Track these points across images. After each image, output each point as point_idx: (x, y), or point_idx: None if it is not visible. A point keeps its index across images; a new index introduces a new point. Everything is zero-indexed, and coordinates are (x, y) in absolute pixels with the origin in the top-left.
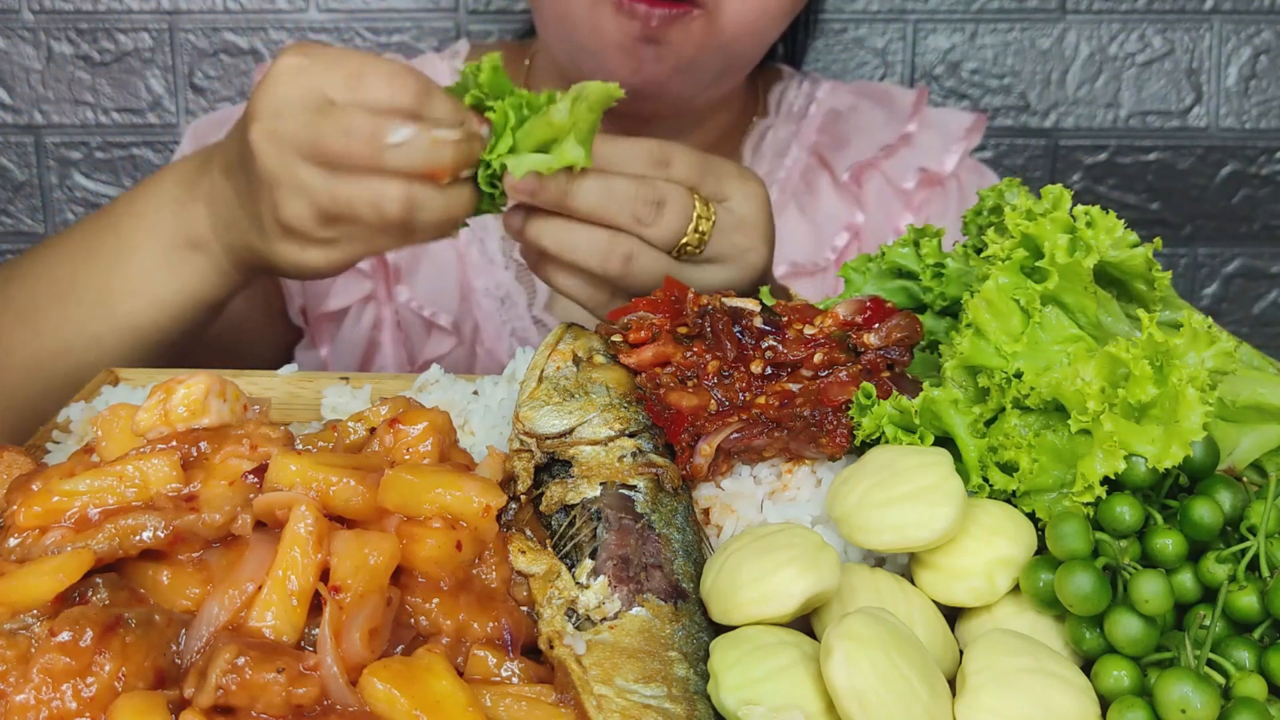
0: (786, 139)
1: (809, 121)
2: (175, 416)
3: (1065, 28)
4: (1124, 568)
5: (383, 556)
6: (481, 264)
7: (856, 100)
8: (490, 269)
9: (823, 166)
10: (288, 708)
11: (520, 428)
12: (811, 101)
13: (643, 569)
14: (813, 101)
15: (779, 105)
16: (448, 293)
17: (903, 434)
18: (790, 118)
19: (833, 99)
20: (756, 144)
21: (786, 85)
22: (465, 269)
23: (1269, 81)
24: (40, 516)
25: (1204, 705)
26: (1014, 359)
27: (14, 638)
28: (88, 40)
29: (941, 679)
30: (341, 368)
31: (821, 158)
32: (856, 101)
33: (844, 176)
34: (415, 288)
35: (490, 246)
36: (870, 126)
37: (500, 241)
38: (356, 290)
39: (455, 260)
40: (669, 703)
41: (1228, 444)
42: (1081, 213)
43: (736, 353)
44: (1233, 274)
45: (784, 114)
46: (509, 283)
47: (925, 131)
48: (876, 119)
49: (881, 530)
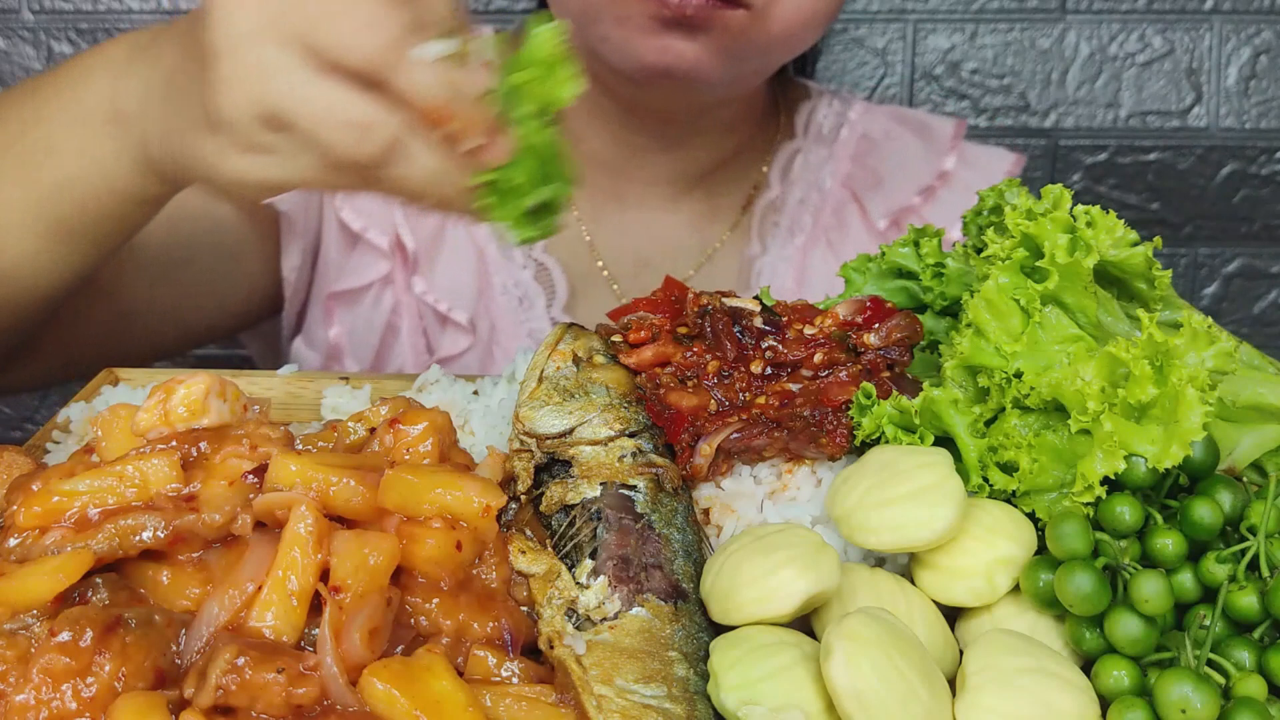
0: (818, 165)
1: (841, 146)
2: (175, 416)
3: (1065, 28)
4: (1124, 568)
5: (383, 556)
6: (500, 261)
7: (891, 126)
8: (509, 267)
9: (854, 201)
10: (288, 708)
11: (520, 428)
12: (843, 124)
13: (643, 569)
14: (844, 124)
15: (808, 126)
16: (465, 288)
17: (903, 434)
18: (821, 141)
19: (866, 122)
20: (785, 167)
21: (815, 104)
22: (485, 264)
23: (1269, 81)
24: (40, 516)
25: (1204, 705)
26: (1014, 359)
27: (14, 638)
28: (87, 40)
29: (941, 679)
30: (356, 351)
31: (854, 193)
32: (891, 128)
33: (881, 223)
34: (432, 280)
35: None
36: (906, 159)
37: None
38: (373, 270)
39: (474, 255)
40: (669, 703)
41: (1228, 444)
42: (1082, 212)
43: (736, 353)
44: (1233, 274)
45: (813, 136)
46: (527, 282)
47: (965, 170)
48: (913, 150)
49: (881, 530)
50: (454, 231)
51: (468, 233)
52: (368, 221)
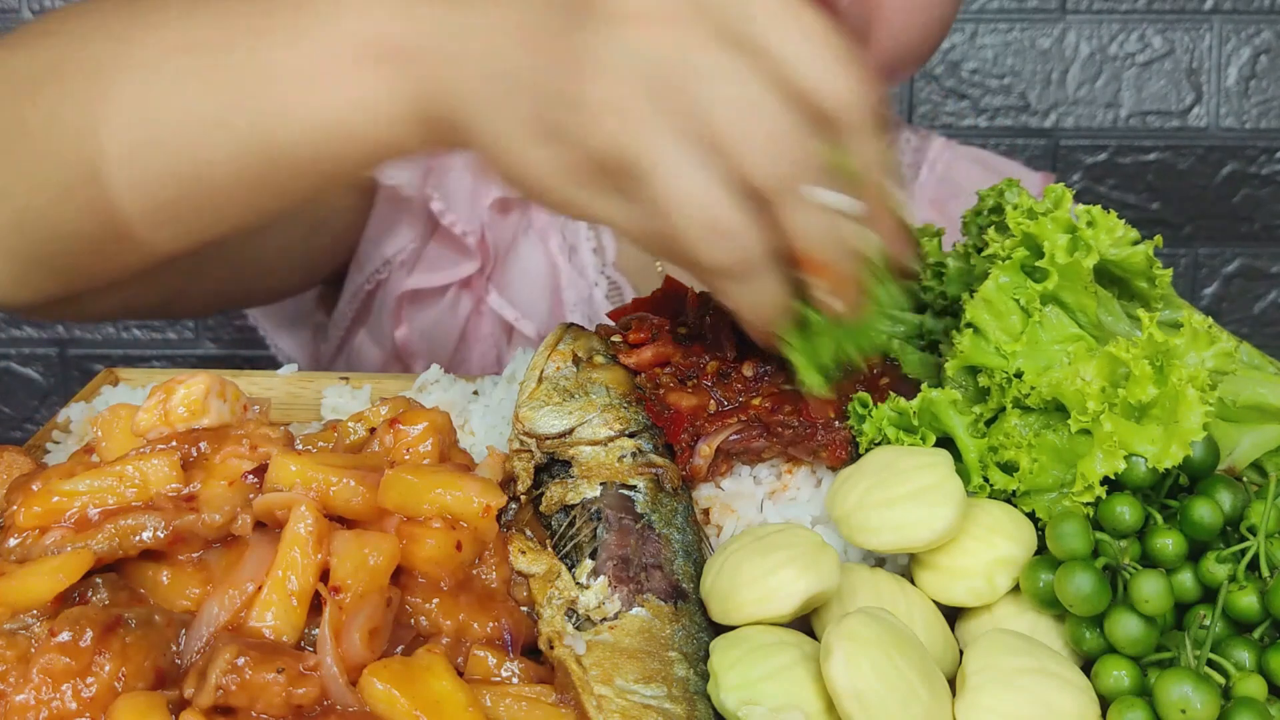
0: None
1: (920, 189)
2: (175, 416)
3: (1065, 28)
4: (1124, 568)
5: (383, 556)
6: (572, 276)
7: (975, 172)
8: (580, 283)
9: None
10: (288, 708)
11: (520, 428)
12: (922, 162)
13: (643, 569)
14: (924, 162)
15: None
16: (538, 301)
17: (903, 435)
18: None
19: (946, 161)
20: None
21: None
22: (557, 278)
23: (1269, 81)
24: (40, 516)
25: (1204, 705)
26: (1014, 359)
27: (14, 638)
28: None
29: (941, 679)
30: (429, 354)
31: None
32: (975, 173)
33: None
34: (505, 289)
35: (582, 257)
36: None
37: (592, 255)
38: (456, 270)
39: (547, 267)
40: (669, 703)
41: (1228, 444)
42: (1082, 212)
43: (736, 353)
44: (1233, 274)
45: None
46: (599, 299)
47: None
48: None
49: (881, 530)
50: (527, 239)
51: (542, 241)
52: (456, 213)
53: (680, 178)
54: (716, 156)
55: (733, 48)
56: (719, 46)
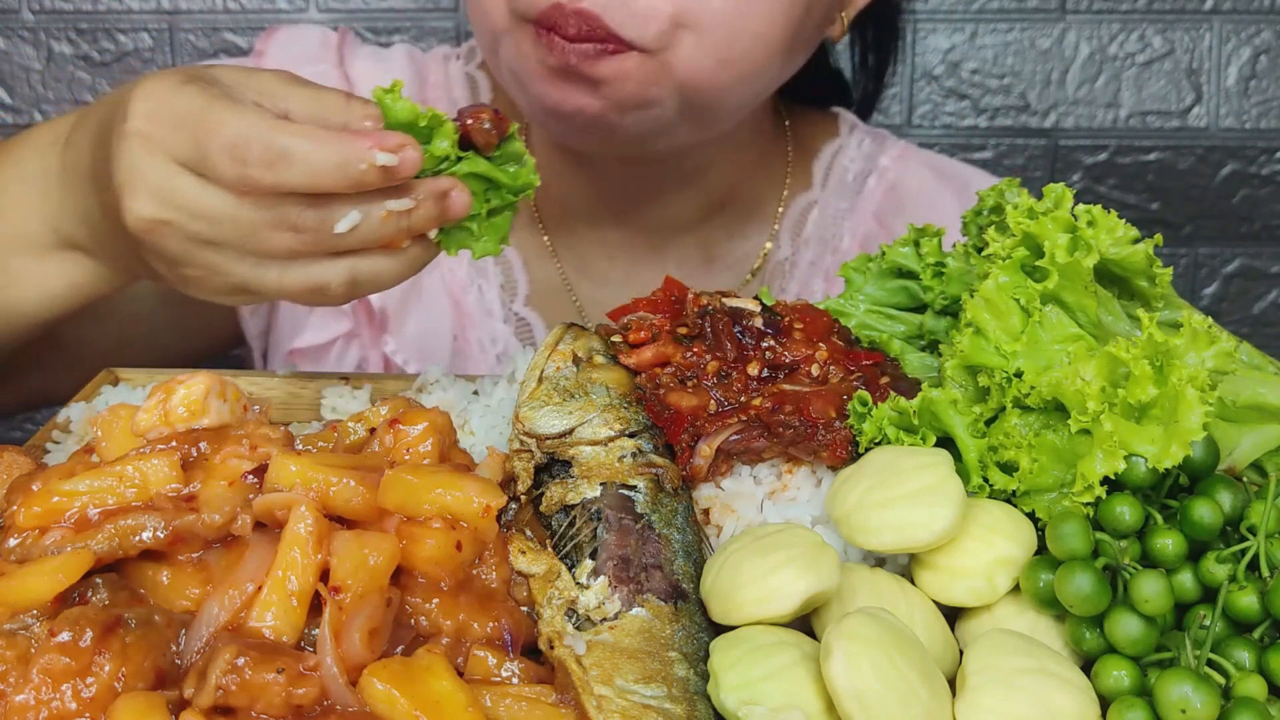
0: (835, 220)
1: (865, 200)
2: (175, 417)
3: (1065, 28)
4: (1124, 568)
5: (383, 557)
6: (478, 315)
7: (926, 179)
8: (487, 321)
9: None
10: (288, 708)
11: (520, 428)
12: (871, 171)
13: (643, 569)
14: (873, 171)
15: (828, 175)
16: (440, 344)
17: (904, 435)
18: (843, 191)
19: (898, 171)
20: (798, 223)
21: (841, 148)
22: (462, 318)
23: (1269, 81)
24: (40, 516)
25: (1204, 705)
26: (1014, 358)
27: (14, 638)
28: (88, 40)
29: (941, 679)
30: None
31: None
32: (925, 181)
33: None
34: (403, 339)
35: (489, 296)
36: (936, 219)
37: (499, 291)
38: (334, 327)
39: (450, 308)
40: (669, 703)
41: (1228, 444)
42: (1082, 212)
43: (736, 353)
44: (1233, 274)
45: (834, 186)
46: (507, 337)
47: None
48: (944, 207)
49: (881, 530)
50: (430, 282)
51: (444, 284)
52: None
53: (291, 288)
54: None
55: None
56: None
